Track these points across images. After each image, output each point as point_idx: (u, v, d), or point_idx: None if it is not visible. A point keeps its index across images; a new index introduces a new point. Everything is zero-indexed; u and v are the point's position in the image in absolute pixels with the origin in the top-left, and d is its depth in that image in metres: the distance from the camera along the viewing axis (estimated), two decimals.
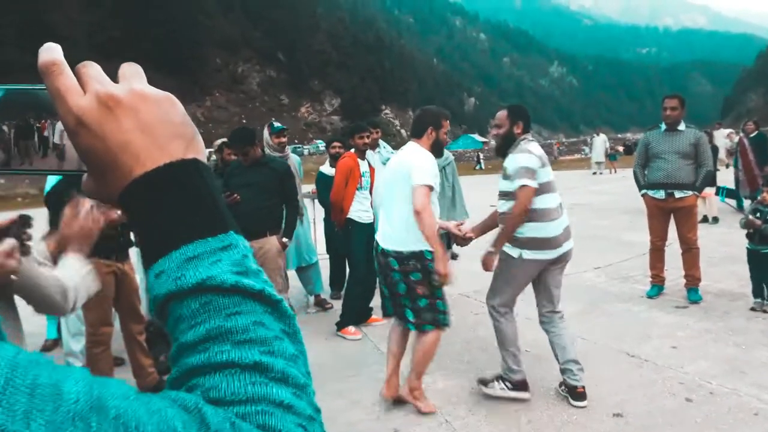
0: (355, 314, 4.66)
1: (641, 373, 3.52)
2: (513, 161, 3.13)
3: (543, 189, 3.11)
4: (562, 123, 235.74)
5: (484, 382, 3.30)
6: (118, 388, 0.33)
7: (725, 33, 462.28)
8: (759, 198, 4.56)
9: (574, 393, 3.14)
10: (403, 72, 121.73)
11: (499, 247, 3.14)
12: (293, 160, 5.13)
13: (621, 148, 35.51)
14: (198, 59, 78.07)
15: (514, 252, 3.18)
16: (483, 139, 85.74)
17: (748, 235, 4.58)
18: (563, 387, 3.25)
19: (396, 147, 5.79)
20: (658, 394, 3.23)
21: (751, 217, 4.49)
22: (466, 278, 6.12)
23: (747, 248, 4.63)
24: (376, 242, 3.25)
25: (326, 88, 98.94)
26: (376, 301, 4.81)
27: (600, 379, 3.46)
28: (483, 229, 3.34)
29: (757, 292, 4.62)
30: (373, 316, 4.85)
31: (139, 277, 3.80)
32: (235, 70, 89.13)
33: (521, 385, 3.23)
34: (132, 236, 3.82)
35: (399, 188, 3.07)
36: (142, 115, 0.43)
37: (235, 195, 3.96)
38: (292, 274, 5.30)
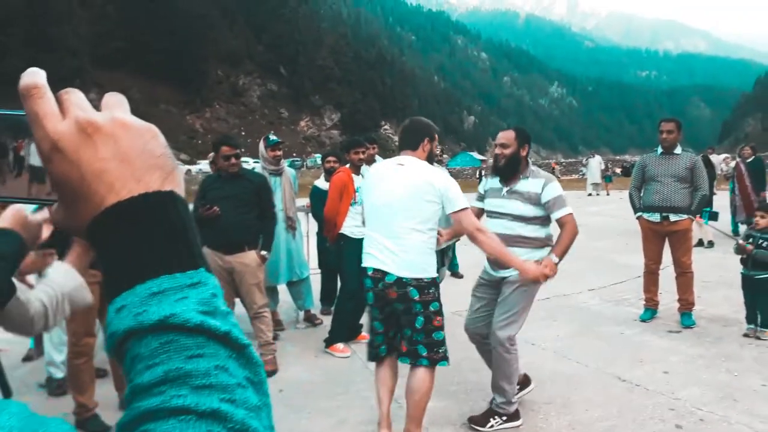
0: (345, 331, 4.61)
1: (632, 398, 3.47)
2: (551, 189, 3.13)
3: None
4: (560, 143, 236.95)
5: (479, 424, 3.16)
6: (57, 427, 0.31)
7: (725, 58, 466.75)
8: (752, 223, 4.55)
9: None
10: (403, 89, 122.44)
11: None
12: (288, 173, 5.11)
13: (619, 170, 35.65)
14: (200, 71, 78.44)
15: None
16: (482, 157, 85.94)
17: (741, 261, 4.56)
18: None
19: None
20: (648, 419, 3.18)
21: (741, 242, 4.48)
22: (459, 297, 6.09)
23: (741, 273, 4.61)
24: (379, 271, 2.81)
25: (327, 103, 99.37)
26: (364, 318, 4.78)
27: (590, 403, 3.42)
28: (452, 234, 3.23)
29: (750, 318, 4.59)
30: (363, 333, 4.80)
31: None
32: (237, 82, 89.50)
33: (515, 415, 3.18)
34: None
35: (414, 208, 2.76)
36: (122, 144, 0.42)
37: (215, 208, 3.92)
38: (282, 288, 5.25)
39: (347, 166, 4.75)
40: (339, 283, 5.21)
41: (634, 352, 4.30)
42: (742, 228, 8.51)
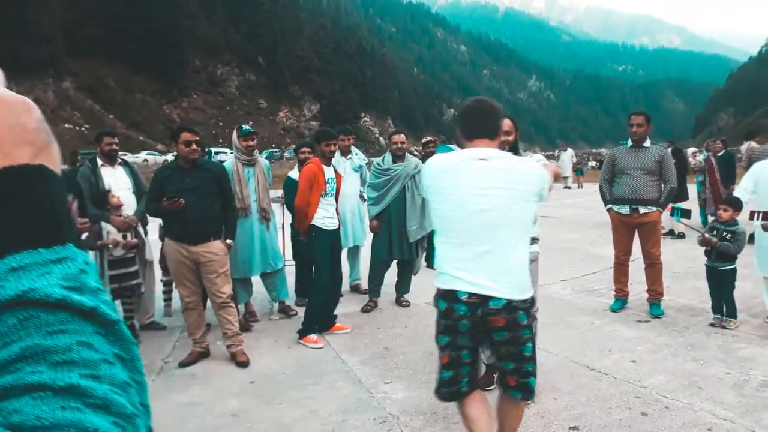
0: (318, 322, 4.61)
1: (600, 387, 3.53)
2: None
3: None
4: (538, 136, 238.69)
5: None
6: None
7: (699, 53, 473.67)
8: (716, 216, 4.65)
9: None
10: (383, 80, 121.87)
11: None
12: (262, 164, 5.07)
13: (594, 163, 36.09)
14: (177, 60, 77.09)
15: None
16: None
17: (706, 252, 4.65)
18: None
19: (375, 155, 5.78)
20: (615, 407, 3.24)
21: (707, 235, 4.57)
22: (434, 288, 6.11)
23: (705, 265, 4.70)
24: (477, 296, 2.26)
25: (306, 94, 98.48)
26: (340, 309, 4.78)
27: (559, 392, 3.47)
28: None
29: (716, 308, 4.69)
30: (338, 324, 4.80)
31: None
32: (215, 72, 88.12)
33: None
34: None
35: (520, 213, 2.30)
36: None
37: (180, 200, 3.87)
38: (256, 280, 5.22)
39: (318, 156, 4.73)
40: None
41: (603, 341, 4.37)
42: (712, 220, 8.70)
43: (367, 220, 5.72)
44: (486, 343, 2.40)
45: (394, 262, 5.63)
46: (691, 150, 11.27)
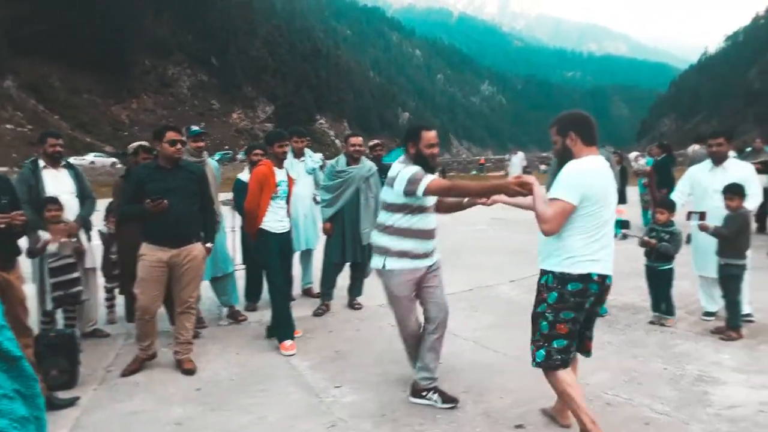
0: (292, 326, 4.52)
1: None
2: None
3: None
4: (491, 140, 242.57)
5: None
6: None
7: (643, 61, 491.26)
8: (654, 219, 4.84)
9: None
10: (339, 82, 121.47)
11: None
12: (211, 165, 4.99)
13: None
14: (125, 60, 74.82)
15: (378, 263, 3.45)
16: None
17: (646, 253, 4.83)
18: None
19: (331, 157, 5.75)
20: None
21: (646, 237, 4.75)
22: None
23: (645, 265, 4.88)
24: (601, 276, 2.79)
25: (260, 95, 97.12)
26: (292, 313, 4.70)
27: (506, 391, 3.53)
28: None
29: (655, 307, 4.87)
30: (296, 329, 4.74)
31: (27, 287, 3.55)
32: (165, 72, 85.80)
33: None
34: (20, 244, 3.58)
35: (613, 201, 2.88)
36: None
37: (164, 201, 3.76)
38: (204, 284, 5.11)
39: (269, 158, 4.67)
40: (264, 280, 5.13)
41: None
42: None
43: (320, 222, 5.69)
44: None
45: (347, 265, 5.61)
46: (633, 154, 11.71)
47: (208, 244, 4.19)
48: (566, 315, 2.78)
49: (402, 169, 3.21)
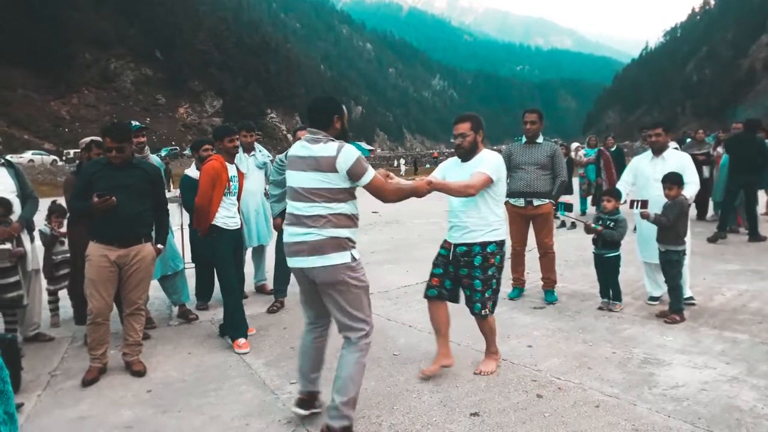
0: (246, 323, 4.44)
1: (498, 372, 3.67)
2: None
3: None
4: (443, 134, 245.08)
5: None
6: None
7: (588, 55, 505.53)
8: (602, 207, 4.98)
9: None
10: (289, 76, 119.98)
11: None
12: (154, 162, 4.83)
13: None
14: (64, 54, 71.69)
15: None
16: (370, 147, 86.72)
17: (593, 241, 4.97)
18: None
19: (282, 152, 5.65)
20: (513, 391, 3.38)
21: (590, 223, 4.89)
22: None
23: (593, 253, 5.03)
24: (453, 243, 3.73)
25: (207, 89, 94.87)
26: (245, 311, 4.62)
27: (461, 379, 3.57)
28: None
29: (603, 293, 5.03)
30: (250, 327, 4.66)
31: None
32: (107, 66, 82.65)
33: None
34: None
35: None
36: None
37: (112, 198, 3.62)
38: (154, 284, 4.96)
39: (219, 153, 4.56)
40: (215, 278, 5.02)
41: (501, 328, 4.53)
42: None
43: (272, 218, 5.61)
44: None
45: None
46: (574, 145, 12.07)
47: (159, 245, 4.07)
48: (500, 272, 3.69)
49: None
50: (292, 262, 2.97)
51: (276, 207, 5.34)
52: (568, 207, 5.28)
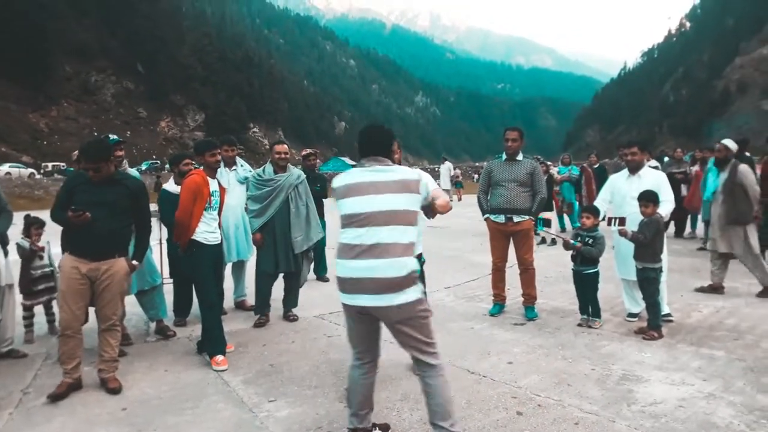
0: (224, 340, 4.38)
1: (479, 389, 3.66)
2: None
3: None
4: (425, 150, 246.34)
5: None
6: None
7: (568, 74, 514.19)
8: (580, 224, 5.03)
9: None
10: (272, 91, 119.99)
11: None
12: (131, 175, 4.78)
13: (477, 176, 37.98)
14: (44, 65, 70.84)
15: None
16: (353, 162, 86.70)
17: (572, 258, 5.02)
18: None
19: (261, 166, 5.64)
20: (493, 408, 3.37)
21: (568, 239, 4.94)
22: (323, 300, 6.08)
23: (572, 269, 5.07)
24: None
25: (190, 103, 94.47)
26: (224, 327, 4.56)
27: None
28: None
29: (582, 309, 5.06)
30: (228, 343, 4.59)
31: None
32: (88, 79, 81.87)
33: None
34: None
35: None
36: None
37: (86, 213, 3.57)
38: (129, 300, 4.88)
39: (200, 168, 4.54)
40: (194, 294, 4.95)
41: (482, 345, 4.56)
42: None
43: (251, 233, 5.56)
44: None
45: (280, 276, 5.51)
46: (548, 163, 12.28)
47: (135, 262, 4.00)
48: None
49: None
50: (356, 300, 2.70)
51: (255, 222, 5.32)
52: (547, 223, 5.34)
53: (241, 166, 5.86)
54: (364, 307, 2.69)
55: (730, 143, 6.12)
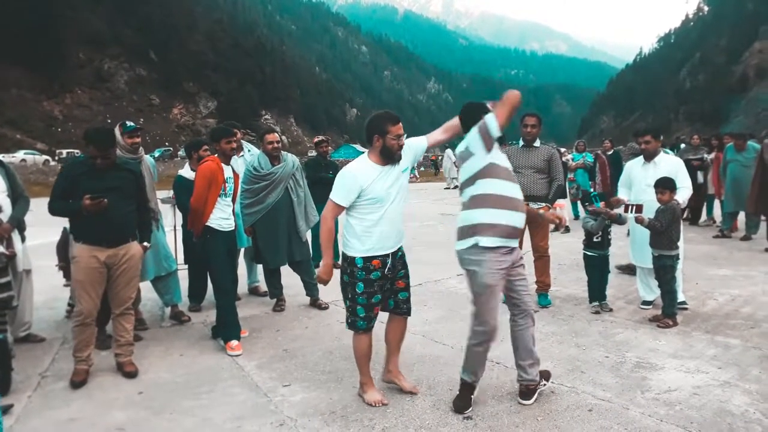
0: (239, 326, 4.42)
1: (492, 376, 3.67)
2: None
3: None
4: None
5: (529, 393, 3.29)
6: None
7: (583, 60, 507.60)
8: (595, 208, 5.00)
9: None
10: (284, 78, 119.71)
11: None
12: (147, 162, 4.81)
13: None
14: (58, 53, 71.21)
15: None
16: (364, 150, 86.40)
17: (587, 242, 5.00)
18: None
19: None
20: (506, 395, 3.38)
21: (613, 213, 4.87)
22: (335, 286, 6.09)
23: (588, 254, 5.05)
24: (392, 251, 3.29)
25: (202, 90, 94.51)
26: (238, 312, 4.59)
27: (454, 383, 3.55)
28: None
29: (593, 297, 5.07)
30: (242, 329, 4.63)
31: None
32: (101, 66, 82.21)
33: (546, 374, 3.43)
34: None
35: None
36: None
37: (104, 200, 3.58)
38: (145, 285, 4.93)
39: (215, 155, 4.55)
40: (208, 279, 4.99)
41: None
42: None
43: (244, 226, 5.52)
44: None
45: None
46: (563, 150, 12.17)
47: (145, 243, 4.06)
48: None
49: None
50: (510, 242, 3.11)
51: (248, 219, 5.27)
52: (602, 197, 5.22)
53: (249, 151, 5.85)
54: (513, 249, 3.14)
55: None
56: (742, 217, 9.16)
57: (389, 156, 3.15)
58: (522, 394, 3.27)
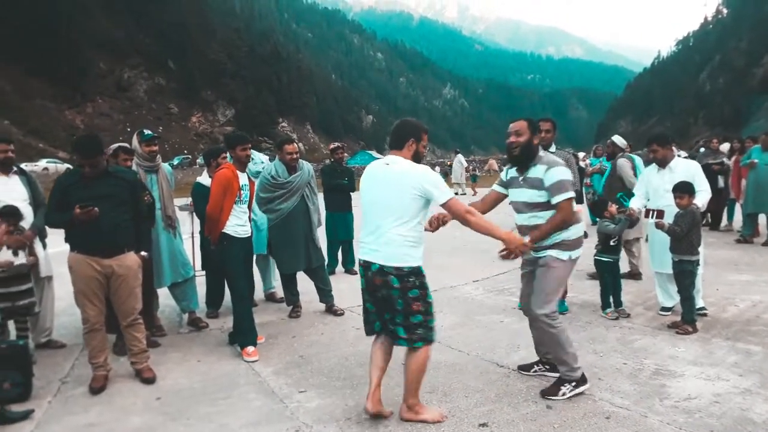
0: (255, 332, 4.45)
1: (508, 383, 3.65)
2: (552, 174, 3.38)
3: None
4: (454, 143, 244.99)
5: (551, 394, 3.39)
6: None
7: (599, 64, 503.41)
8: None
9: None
10: (300, 86, 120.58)
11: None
12: (164, 170, 4.87)
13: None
14: (79, 64, 72.61)
15: (563, 255, 3.49)
16: (380, 156, 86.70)
17: (601, 247, 4.98)
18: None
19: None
20: (522, 402, 3.35)
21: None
22: (351, 294, 6.11)
23: (601, 260, 5.03)
24: (366, 261, 3.08)
25: (220, 98, 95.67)
26: (254, 319, 4.62)
27: (470, 389, 3.55)
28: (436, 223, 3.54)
29: (606, 304, 5.03)
30: (259, 334, 4.65)
31: None
32: (121, 76, 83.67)
33: (582, 380, 3.45)
34: None
35: (396, 204, 2.99)
36: None
37: (94, 208, 3.57)
38: (162, 292, 4.99)
39: (230, 162, 4.60)
40: (225, 286, 5.03)
41: (511, 338, 4.53)
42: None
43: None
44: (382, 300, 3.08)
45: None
46: (580, 155, 12.08)
47: (143, 253, 4.04)
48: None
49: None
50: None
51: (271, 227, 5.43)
52: (630, 195, 5.21)
53: (261, 162, 5.90)
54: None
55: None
56: (763, 221, 9.01)
57: (417, 161, 3.19)
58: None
